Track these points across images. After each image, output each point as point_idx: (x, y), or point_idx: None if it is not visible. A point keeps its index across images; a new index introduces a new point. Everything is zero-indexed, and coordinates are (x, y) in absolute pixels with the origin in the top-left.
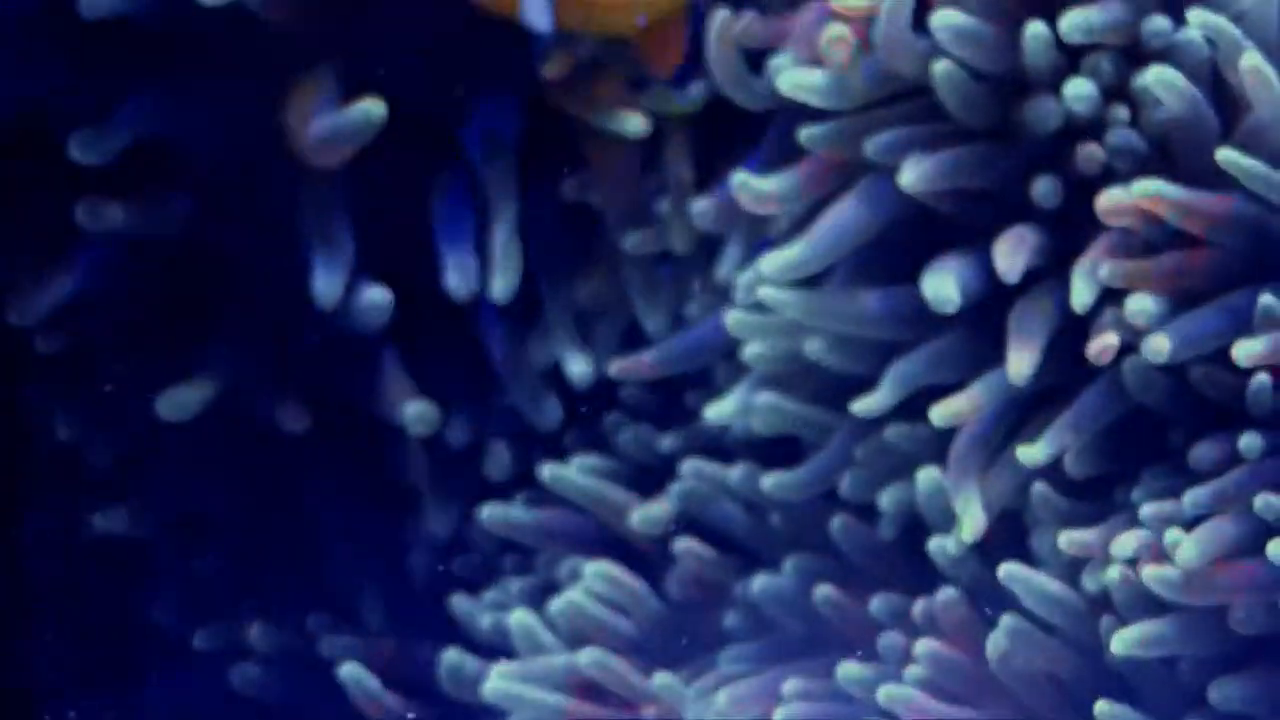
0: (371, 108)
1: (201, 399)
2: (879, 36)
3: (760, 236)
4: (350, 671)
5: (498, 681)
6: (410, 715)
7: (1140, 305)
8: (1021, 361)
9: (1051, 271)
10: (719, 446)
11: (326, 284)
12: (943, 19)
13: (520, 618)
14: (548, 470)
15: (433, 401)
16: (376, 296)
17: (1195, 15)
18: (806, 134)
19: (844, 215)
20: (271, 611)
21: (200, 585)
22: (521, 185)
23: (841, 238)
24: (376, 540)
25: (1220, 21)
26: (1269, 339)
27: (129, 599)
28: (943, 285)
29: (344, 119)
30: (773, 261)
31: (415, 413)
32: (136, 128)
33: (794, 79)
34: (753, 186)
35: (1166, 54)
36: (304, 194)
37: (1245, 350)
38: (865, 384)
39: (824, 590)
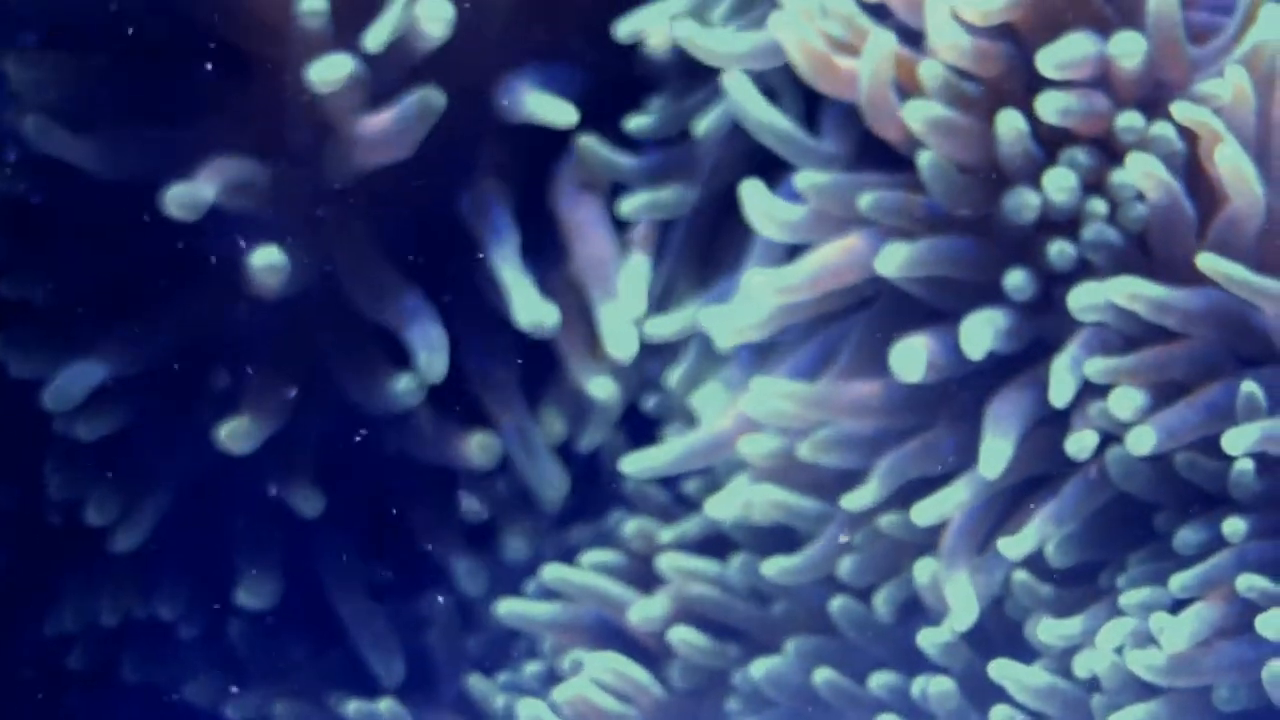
0: (430, 94)
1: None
2: (863, 100)
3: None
4: None
5: None
6: None
7: (1127, 399)
8: (993, 458)
9: (1030, 362)
10: (720, 534)
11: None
12: (916, 109)
13: (529, 707)
14: (549, 571)
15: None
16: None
17: (1178, 109)
18: (804, 180)
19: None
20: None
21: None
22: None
23: (828, 273)
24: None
25: (1202, 113)
26: (1260, 428)
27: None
28: (909, 356)
29: (408, 107)
30: (761, 279)
31: (478, 443)
32: None
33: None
34: (763, 200)
35: (1140, 147)
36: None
37: (1236, 439)
38: (859, 475)
39: (824, 672)
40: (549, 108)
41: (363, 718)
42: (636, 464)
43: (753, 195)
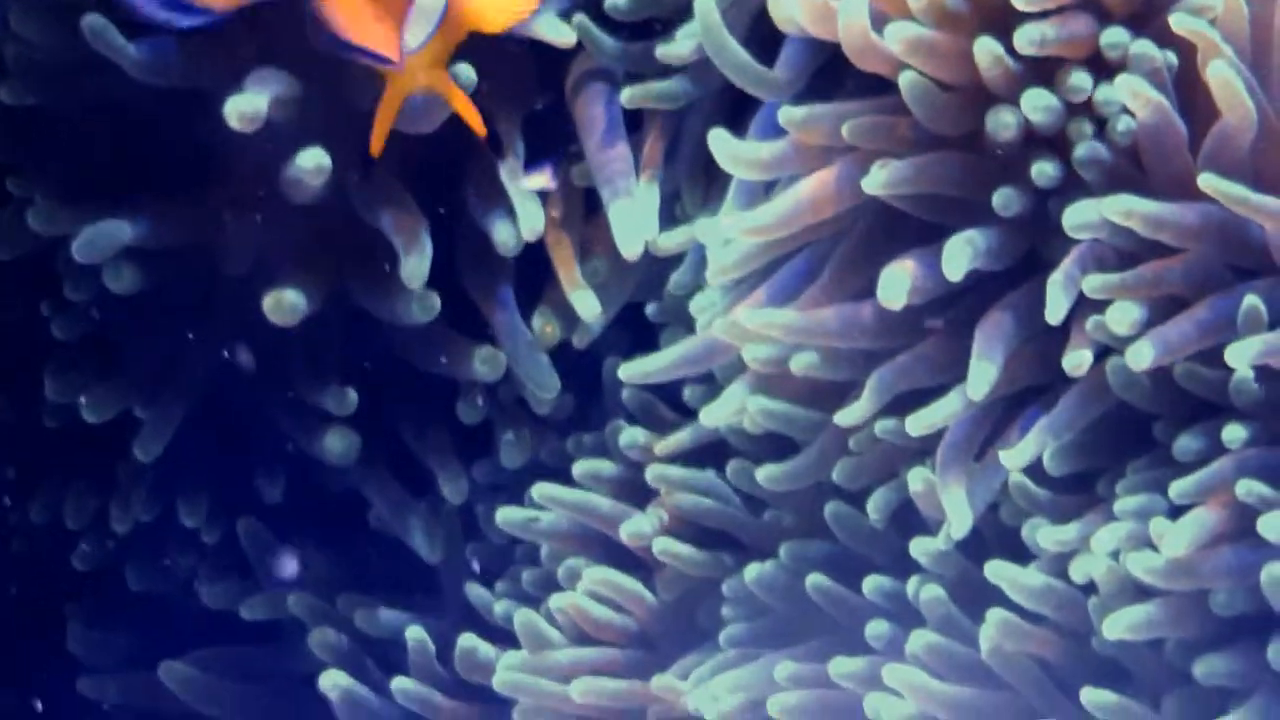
0: (462, 70)
1: None
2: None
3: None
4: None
5: (505, 674)
6: None
7: (1124, 314)
8: (980, 379)
9: (1024, 277)
10: (719, 441)
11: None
12: (896, 29)
13: (524, 616)
14: (538, 489)
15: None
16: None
17: (1174, 19)
18: (785, 114)
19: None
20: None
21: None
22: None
23: (803, 210)
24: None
25: (1197, 23)
26: (1265, 340)
27: None
28: (894, 283)
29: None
30: (736, 221)
31: (482, 356)
32: None
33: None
34: (729, 145)
35: (1127, 64)
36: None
37: (1239, 352)
38: (855, 384)
39: (816, 578)
40: (551, 28)
41: (366, 621)
42: (631, 371)
43: (719, 143)
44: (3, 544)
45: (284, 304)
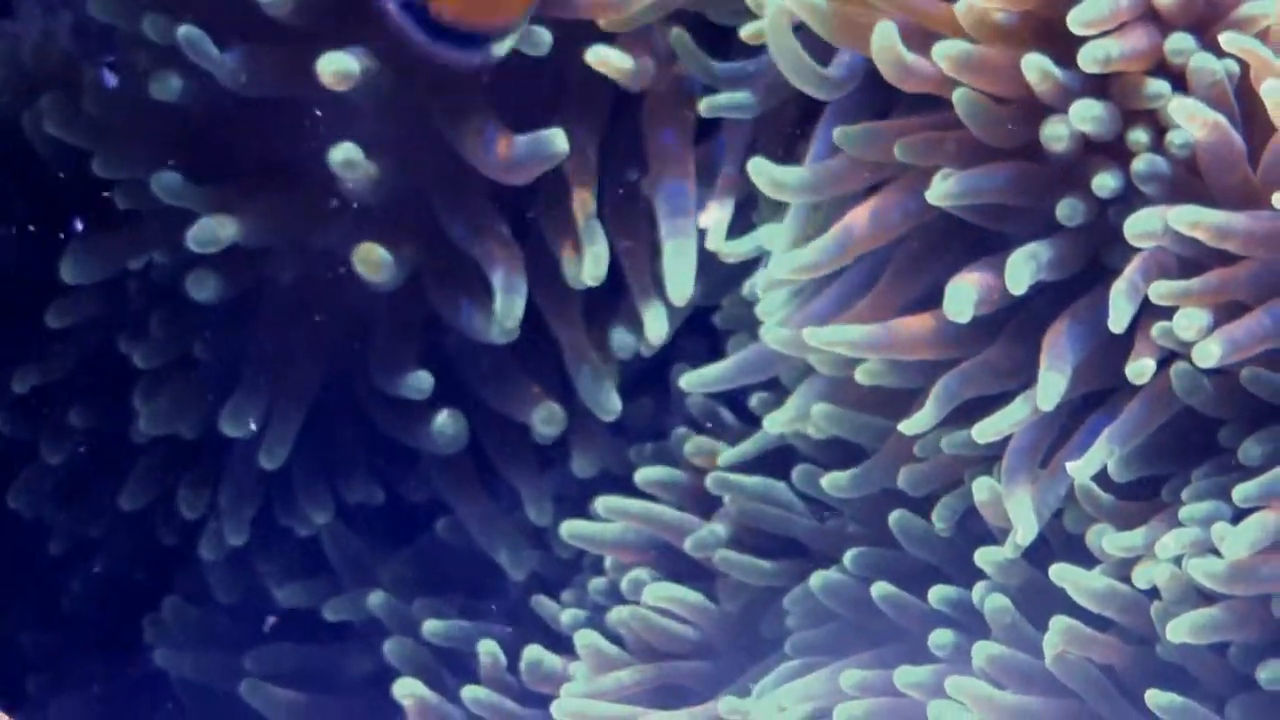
0: (559, 136)
1: None
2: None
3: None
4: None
5: (567, 701)
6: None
7: (1191, 320)
8: (1049, 390)
9: (1087, 283)
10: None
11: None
12: (943, 48)
13: (587, 637)
14: (601, 502)
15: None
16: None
17: (1225, 38)
18: (840, 133)
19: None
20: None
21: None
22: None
23: (853, 245)
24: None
25: (1249, 41)
26: None
27: None
28: (960, 297)
29: (539, 142)
30: (783, 262)
31: (543, 415)
32: None
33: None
34: (769, 171)
35: (1187, 76)
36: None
37: None
38: (919, 392)
39: (882, 586)
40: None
41: (435, 634)
42: (693, 380)
43: (759, 171)
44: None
45: (374, 257)
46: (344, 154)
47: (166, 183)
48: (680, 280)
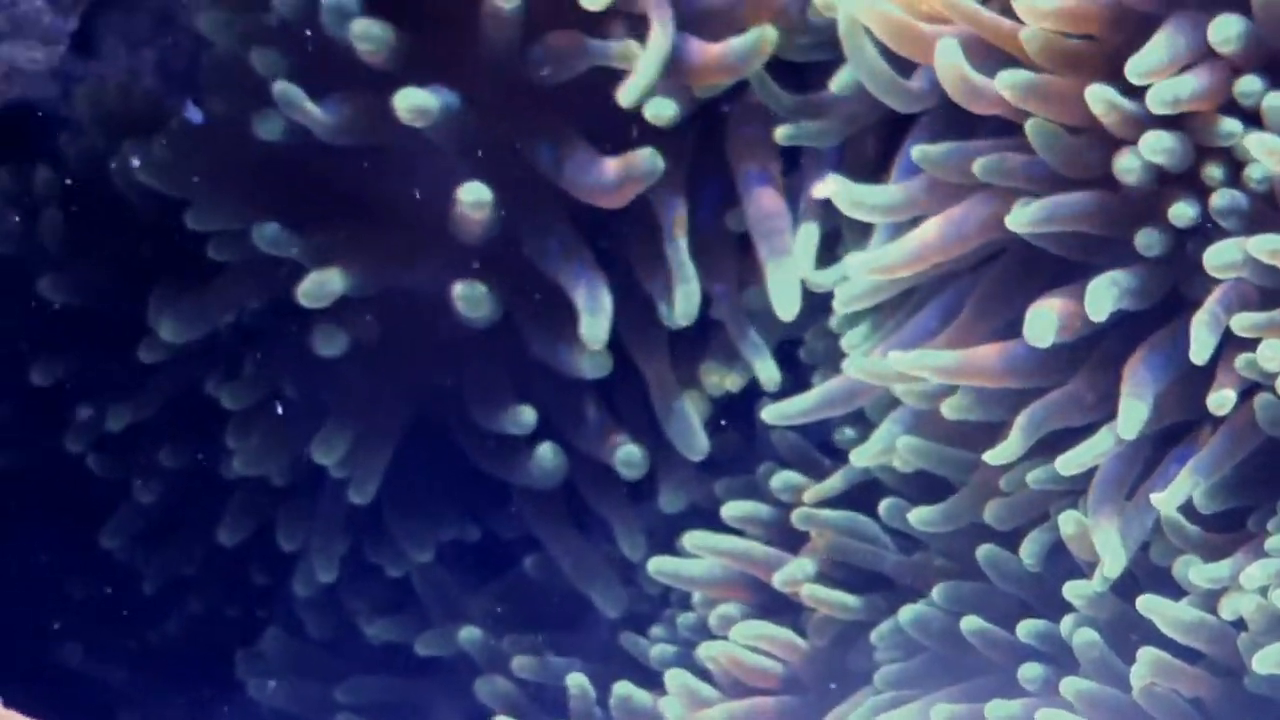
0: (654, 155)
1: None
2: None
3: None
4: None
5: None
6: None
7: (1275, 350)
8: (1131, 419)
9: (1168, 312)
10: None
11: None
12: (1006, 78)
13: (678, 677)
14: (689, 538)
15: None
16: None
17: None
18: (919, 152)
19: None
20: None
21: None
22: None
23: (930, 250)
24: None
25: None
26: None
27: None
28: (1040, 322)
29: (643, 162)
30: (862, 262)
31: (623, 457)
32: None
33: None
34: (849, 190)
35: (1262, 116)
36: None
37: None
38: (1005, 425)
39: (971, 620)
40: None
41: (523, 669)
42: (778, 412)
43: (838, 190)
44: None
45: (475, 295)
46: (474, 195)
47: (269, 235)
48: (786, 296)
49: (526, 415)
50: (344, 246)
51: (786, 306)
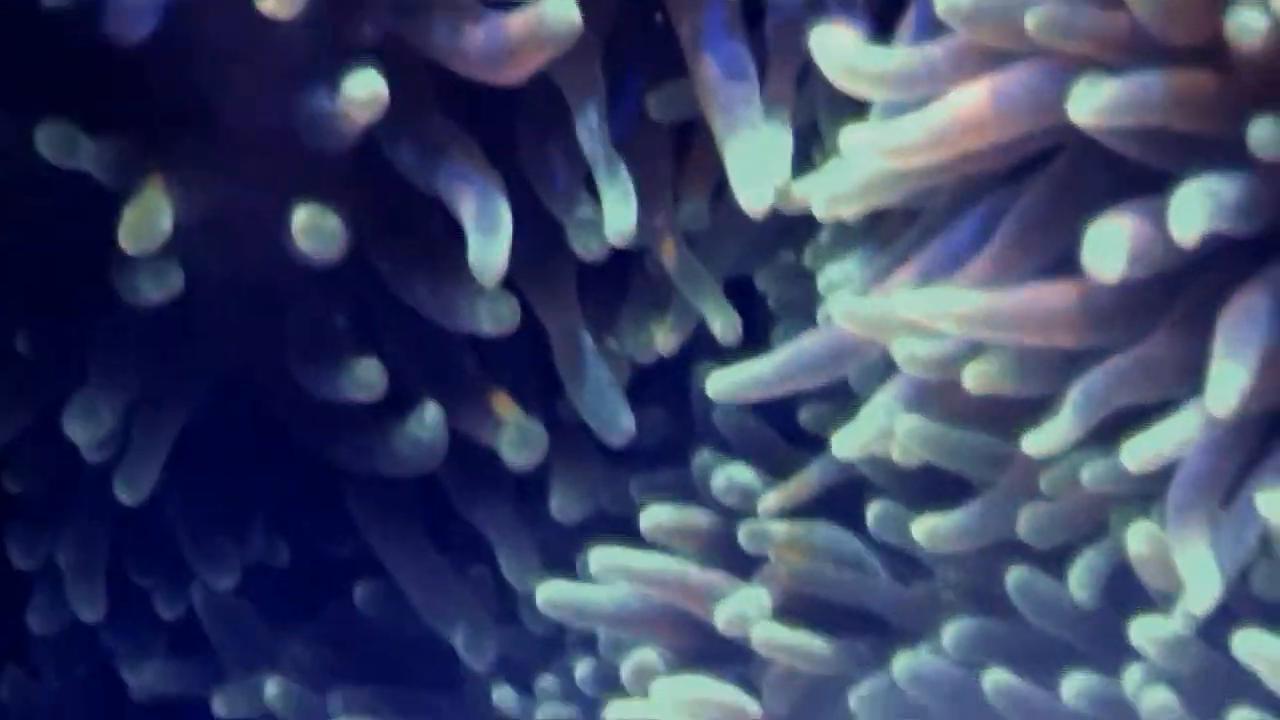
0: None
1: None
2: None
3: None
4: None
5: None
6: None
7: None
8: (1225, 388)
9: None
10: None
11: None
12: None
13: None
14: (595, 557)
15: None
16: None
17: None
18: (946, 5)
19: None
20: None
21: None
22: None
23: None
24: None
25: None
26: None
27: None
28: (1107, 244)
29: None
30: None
31: (512, 435)
32: None
33: None
34: (842, 52)
35: None
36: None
37: None
38: (1048, 402)
39: (996, 674)
40: None
41: None
42: (725, 382)
43: (824, 47)
44: None
45: (322, 228)
46: (365, 86)
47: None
48: (754, 181)
49: (370, 373)
50: (151, 156)
51: (756, 194)
